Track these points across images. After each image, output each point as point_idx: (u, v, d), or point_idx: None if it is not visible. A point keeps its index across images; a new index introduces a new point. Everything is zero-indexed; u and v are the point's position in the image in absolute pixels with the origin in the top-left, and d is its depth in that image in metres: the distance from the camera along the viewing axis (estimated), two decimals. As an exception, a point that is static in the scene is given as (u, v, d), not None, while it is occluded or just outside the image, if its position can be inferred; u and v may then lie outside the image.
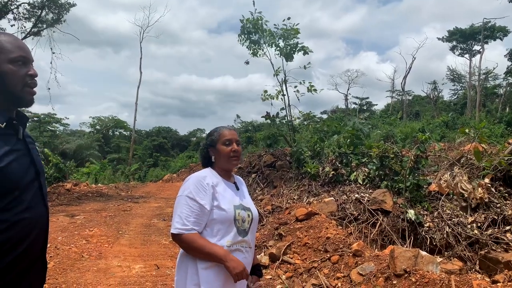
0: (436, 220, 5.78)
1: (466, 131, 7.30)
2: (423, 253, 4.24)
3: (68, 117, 61.05)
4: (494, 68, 33.23)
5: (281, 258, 5.16)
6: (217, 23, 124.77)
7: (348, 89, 48.03)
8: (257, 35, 9.69)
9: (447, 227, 5.57)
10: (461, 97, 39.23)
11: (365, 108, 47.01)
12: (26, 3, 15.52)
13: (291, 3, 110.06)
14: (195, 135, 49.59)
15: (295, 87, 9.69)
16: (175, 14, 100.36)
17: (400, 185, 6.47)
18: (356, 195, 6.60)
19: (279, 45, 9.56)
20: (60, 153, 24.99)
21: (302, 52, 9.52)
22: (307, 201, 7.05)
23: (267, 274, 4.88)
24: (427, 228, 5.70)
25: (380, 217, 5.98)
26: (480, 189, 5.79)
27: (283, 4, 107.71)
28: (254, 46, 9.81)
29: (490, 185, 5.98)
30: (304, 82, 9.69)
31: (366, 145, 8.10)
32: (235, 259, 1.92)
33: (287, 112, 10.01)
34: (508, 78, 31.31)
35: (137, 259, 5.62)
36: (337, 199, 6.62)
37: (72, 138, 33.98)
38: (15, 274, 1.38)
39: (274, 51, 9.70)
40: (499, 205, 5.72)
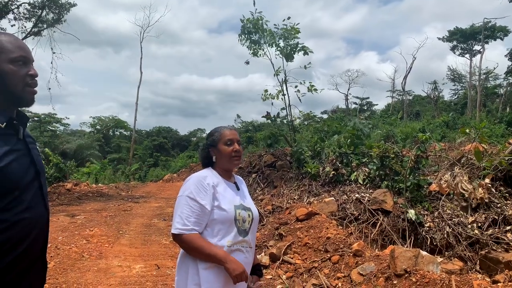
0: (436, 220, 5.77)
1: (466, 131, 7.30)
2: (424, 253, 4.24)
3: (68, 117, 61.11)
4: (494, 68, 33.31)
5: (281, 258, 5.16)
6: (218, 23, 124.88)
7: (348, 89, 48.15)
8: (257, 35, 9.68)
9: (447, 227, 5.57)
10: (462, 97, 39.23)
11: (365, 108, 47.03)
12: (26, 3, 15.54)
13: (291, 3, 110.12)
14: (195, 135, 49.61)
15: (295, 87, 9.69)
16: (175, 14, 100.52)
17: (401, 185, 6.47)
18: (357, 195, 6.60)
19: (280, 45, 9.56)
20: (61, 153, 25.00)
21: (302, 52, 9.52)
22: (307, 201, 7.05)
23: (267, 274, 4.88)
24: (427, 228, 5.70)
25: (380, 217, 5.98)
26: (480, 189, 5.79)
27: (284, 4, 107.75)
28: (255, 46, 9.80)
29: (490, 185, 5.97)
30: (304, 82, 9.69)
31: (366, 145, 8.10)
32: (235, 260, 1.91)
33: (288, 112, 10.02)
34: (509, 78, 31.30)
35: (137, 259, 5.62)
36: (338, 199, 6.62)
37: (72, 138, 34.01)
38: (15, 274, 1.38)
39: (275, 51, 9.70)
40: (499, 205, 5.72)
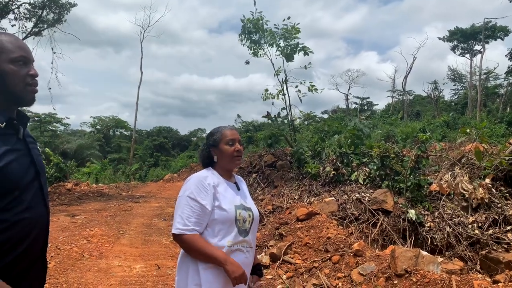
0: (437, 220, 5.77)
1: (467, 131, 7.29)
2: (424, 253, 4.24)
3: (69, 117, 61.19)
4: (495, 68, 33.32)
5: (281, 258, 5.16)
6: (218, 23, 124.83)
7: (348, 89, 48.16)
8: (257, 35, 9.68)
9: (448, 227, 5.56)
10: (462, 97, 39.22)
11: (366, 108, 47.03)
12: (27, 3, 15.55)
13: (291, 3, 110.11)
14: (195, 135, 49.65)
15: (296, 87, 9.68)
16: (175, 14, 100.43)
17: (401, 185, 6.47)
18: (357, 195, 6.60)
19: (280, 45, 9.55)
20: (61, 153, 25.03)
21: (302, 52, 9.51)
22: (307, 201, 7.05)
23: (267, 274, 4.88)
24: (428, 228, 5.70)
25: (381, 217, 5.98)
26: (481, 189, 5.79)
27: (284, 4, 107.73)
28: (255, 46, 9.79)
29: (491, 185, 5.97)
30: (304, 82, 9.67)
31: (367, 145, 8.10)
32: (234, 262, 1.91)
33: (288, 112, 10.01)
34: (509, 78, 31.32)
35: (138, 259, 5.62)
36: (338, 199, 6.62)
37: (72, 138, 34.04)
38: (15, 274, 1.38)
39: (275, 51, 9.69)
40: (500, 205, 5.71)
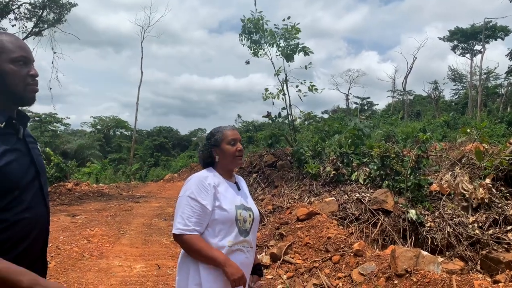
0: (437, 220, 5.77)
1: (467, 131, 7.29)
2: (424, 253, 4.24)
3: (69, 117, 61.25)
4: (495, 68, 33.28)
5: (282, 258, 5.16)
6: (218, 23, 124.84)
7: (349, 88, 48.19)
8: (258, 35, 9.67)
9: (448, 227, 5.56)
10: (462, 96, 39.20)
11: (366, 108, 47.03)
12: (27, 3, 15.56)
13: (291, 3, 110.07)
14: (196, 134, 49.67)
15: (296, 86, 9.68)
16: (176, 14, 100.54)
17: (401, 185, 6.46)
18: (357, 195, 6.60)
19: (280, 45, 9.55)
20: (61, 153, 25.02)
21: (302, 53, 9.51)
22: (308, 201, 7.05)
23: (268, 274, 4.88)
24: (428, 228, 5.70)
25: (381, 217, 5.98)
26: (481, 189, 5.79)
27: (284, 4, 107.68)
28: (255, 46, 9.79)
29: (491, 185, 5.97)
30: (305, 82, 9.67)
31: (367, 145, 8.09)
32: (234, 265, 1.90)
33: (288, 112, 10.00)
34: (509, 77, 31.31)
35: (138, 259, 5.62)
36: (338, 199, 6.62)
37: (73, 138, 34.03)
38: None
39: (275, 52, 9.69)
40: (500, 205, 5.71)
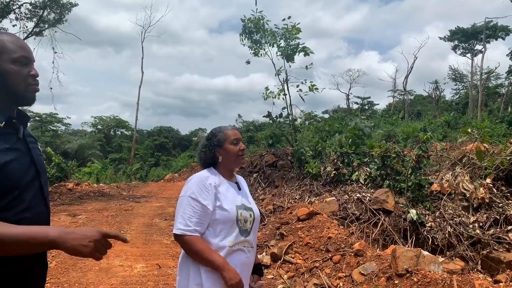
0: (438, 220, 5.77)
1: (468, 130, 7.29)
2: (425, 253, 4.24)
3: (69, 117, 61.31)
4: (496, 68, 33.16)
5: (282, 258, 5.16)
6: (219, 23, 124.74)
7: (349, 88, 48.22)
8: (258, 35, 9.67)
9: (449, 227, 5.56)
10: (463, 96, 39.17)
11: (366, 107, 47.01)
12: (28, 3, 15.58)
13: (292, 2, 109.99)
14: (196, 134, 49.64)
15: (297, 86, 9.68)
16: (176, 14, 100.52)
17: (402, 184, 6.46)
18: (358, 195, 6.60)
19: (280, 45, 9.55)
20: (62, 153, 25.04)
21: (303, 53, 9.51)
22: (308, 200, 7.05)
23: (268, 273, 4.88)
24: (429, 228, 5.69)
25: (381, 216, 5.98)
26: (482, 189, 5.78)
27: (284, 3, 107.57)
28: (256, 46, 9.79)
29: (492, 185, 5.96)
30: (305, 82, 9.68)
31: (367, 144, 8.09)
32: (232, 269, 1.90)
33: (289, 112, 10.00)
34: (510, 77, 31.25)
35: (138, 259, 5.63)
36: (339, 199, 6.62)
37: (73, 138, 34.03)
38: (17, 273, 1.38)
39: (276, 52, 9.69)
40: (501, 204, 5.71)
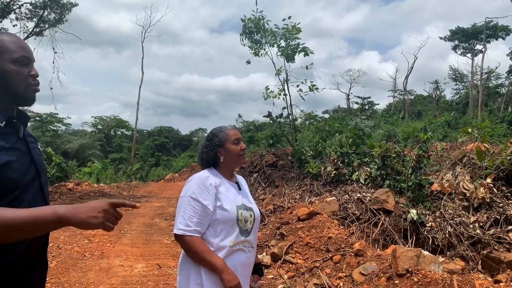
0: (438, 219, 5.77)
1: (468, 130, 7.30)
2: (425, 252, 4.24)
3: (70, 117, 61.26)
4: (496, 68, 33.15)
5: (283, 258, 5.16)
6: (219, 23, 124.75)
7: (350, 88, 48.23)
8: (258, 35, 9.67)
9: (449, 226, 5.56)
10: (463, 96, 39.15)
11: (367, 107, 47.00)
12: (28, 3, 15.57)
13: (292, 2, 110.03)
14: (197, 134, 49.64)
15: (297, 86, 9.68)
16: (176, 14, 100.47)
17: (402, 184, 6.46)
18: (358, 195, 6.60)
19: (281, 45, 9.54)
20: (62, 153, 25.05)
21: (303, 53, 9.50)
22: (309, 200, 7.05)
23: (269, 273, 4.88)
24: (429, 228, 5.69)
25: (382, 216, 5.98)
26: (482, 188, 5.78)
27: (285, 3, 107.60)
28: (256, 46, 9.79)
29: (492, 184, 5.96)
30: (306, 82, 9.67)
31: (368, 144, 8.09)
32: (231, 272, 1.90)
33: (289, 112, 9.99)
34: (510, 77, 31.25)
35: (139, 259, 5.63)
36: (339, 199, 6.62)
37: (74, 138, 34.04)
38: (17, 273, 1.39)
39: (276, 52, 9.68)
40: (501, 204, 5.70)
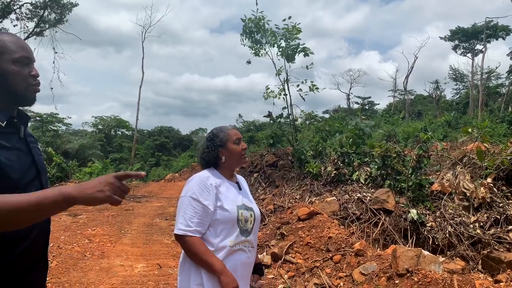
0: (438, 219, 5.76)
1: (468, 130, 7.29)
2: (426, 252, 4.24)
3: (70, 117, 61.23)
4: (496, 67, 33.13)
5: (283, 258, 5.16)
6: (219, 23, 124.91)
7: (350, 88, 48.17)
8: (259, 35, 9.67)
9: (449, 226, 5.56)
10: (464, 96, 39.11)
11: (367, 107, 46.99)
12: (28, 3, 15.61)
13: (292, 2, 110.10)
14: (197, 134, 49.65)
15: (297, 86, 9.68)
16: (177, 14, 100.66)
17: (403, 184, 6.46)
18: (358, 195, 6.60)
19: (281, 45, 9.54)
20: (63, 153, 25.05)
21: (303, 53, 9.49)
22: (309, 200, 7.05)
23: (269, 273, 4.88)
24: (429, 228, 5.69)
25: (382, 216, 5.97)
26: (482, 188, 5.78)
27: (284, 3, 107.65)
28: (256, 46, 9.78)
29: (492, 184, 5.96)
30: (306, 82, 9.67)
31: (368, 144, 8.09)
32: (230, 275, 1.90)
33: (289, 112, 9.99)
34: (511, 77, 31.22)
35: (139, 259, 5.63)
36: (339, 199, 6.62)
37: (74, 138, 34.03)
38: (18, 273, 1.39)
39: (277, 52, 9.67)
40: (501, 204, 5.70)
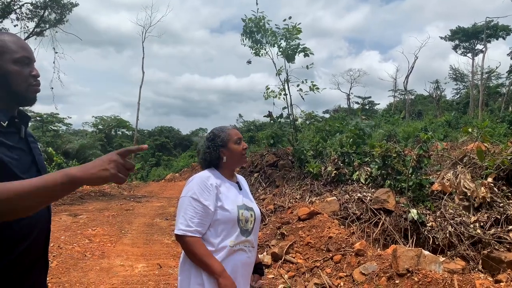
0: (438, 219, 5.76)
1: (469, 130, 7.28)
2: (426, 252, 4.24)
3: (70, 117, 61.02)
4: (497, 67, 33.10)
5: (283, 258, 5.16)
6: (220, 23, 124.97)
7: (350, 88, 48.17)
8: (259, 35, 9.67)
9: (449, 226, 5.55)
10: (464, 96, 39.11)
11: (367, 107, 46.98)
12: (29, 3, 15.61)
13: (293, 2, 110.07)
14: (197, 134, 49.66)
15: (297, 86, 9.68)
16: (177, 14, 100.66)
17: (403, 184, 6.46)
18: (359, 195, 6.60)
19: (281, 45, 9.54)
20: (63, 153, 25.04)
21: (303, 53, 9.49)
22: (309, 200, 7.05)
23: (269, 273, 4.88)
24: (429, 228, 5.69)
25: (382, 216, 5.97)
26: (483, 188, 5.77)
27: (285, 3, 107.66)
28: (256, 46, 9.79)
29: (493, 184, 5.95)
30: (306, 81, 9.67)
31: (368, 144, 8.09)
32: (229, 277, 1.90)
33: (289, 112, 9.99)
34: (511, 77, 31.21)
35: (139, 259, 5.63)
36: (340, 199, 6.62)
37: (74, 138, 33.99)
38: (18, 273, 1.39)
39: (277, 52, 9.67)
40: (502, 204, 5.70)
